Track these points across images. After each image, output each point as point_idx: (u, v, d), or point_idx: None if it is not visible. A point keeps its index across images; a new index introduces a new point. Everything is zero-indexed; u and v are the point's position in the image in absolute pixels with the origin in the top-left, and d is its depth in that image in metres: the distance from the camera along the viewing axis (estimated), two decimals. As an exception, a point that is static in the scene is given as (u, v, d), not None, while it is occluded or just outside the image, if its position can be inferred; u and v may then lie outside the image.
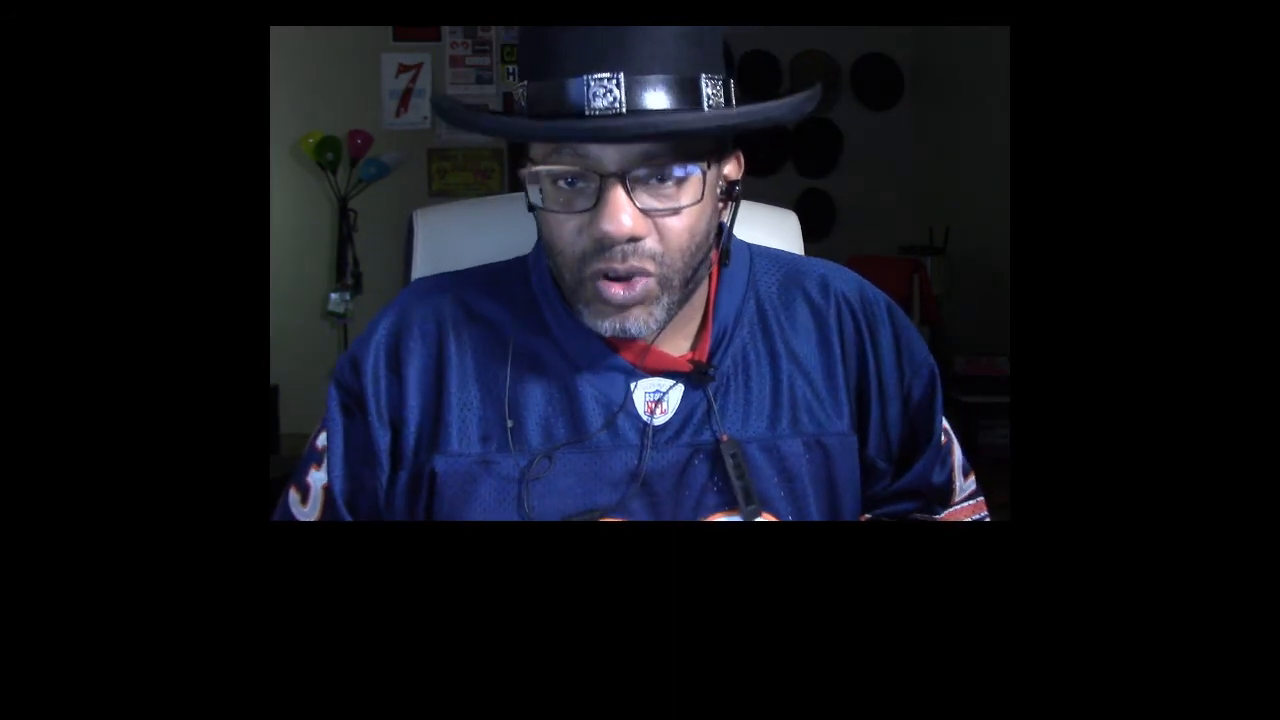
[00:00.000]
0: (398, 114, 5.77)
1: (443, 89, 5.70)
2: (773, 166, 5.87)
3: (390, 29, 5.62)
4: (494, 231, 1.64)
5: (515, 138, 1.38)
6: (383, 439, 1.41)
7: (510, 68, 5.59)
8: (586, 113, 1.25)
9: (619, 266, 1.30)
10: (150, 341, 1.19)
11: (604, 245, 1.29)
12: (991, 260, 4.87)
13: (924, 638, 1.23)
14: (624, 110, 1.25)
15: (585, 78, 1.26)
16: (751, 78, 5.66)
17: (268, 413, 4.29)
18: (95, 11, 1.21)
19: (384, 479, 1.42)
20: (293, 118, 5.27)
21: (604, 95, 1.26)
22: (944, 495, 1.51)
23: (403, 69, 5.74)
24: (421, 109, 5.73)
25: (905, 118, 6.04)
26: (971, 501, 1.52)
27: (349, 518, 1.41)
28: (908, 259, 5.02)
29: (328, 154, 5.32)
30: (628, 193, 1.27)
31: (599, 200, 1.28)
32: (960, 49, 5.28)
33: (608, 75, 1.26)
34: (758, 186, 1.35)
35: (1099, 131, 1.24)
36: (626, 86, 1.26)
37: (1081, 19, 1.24)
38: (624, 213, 1.27)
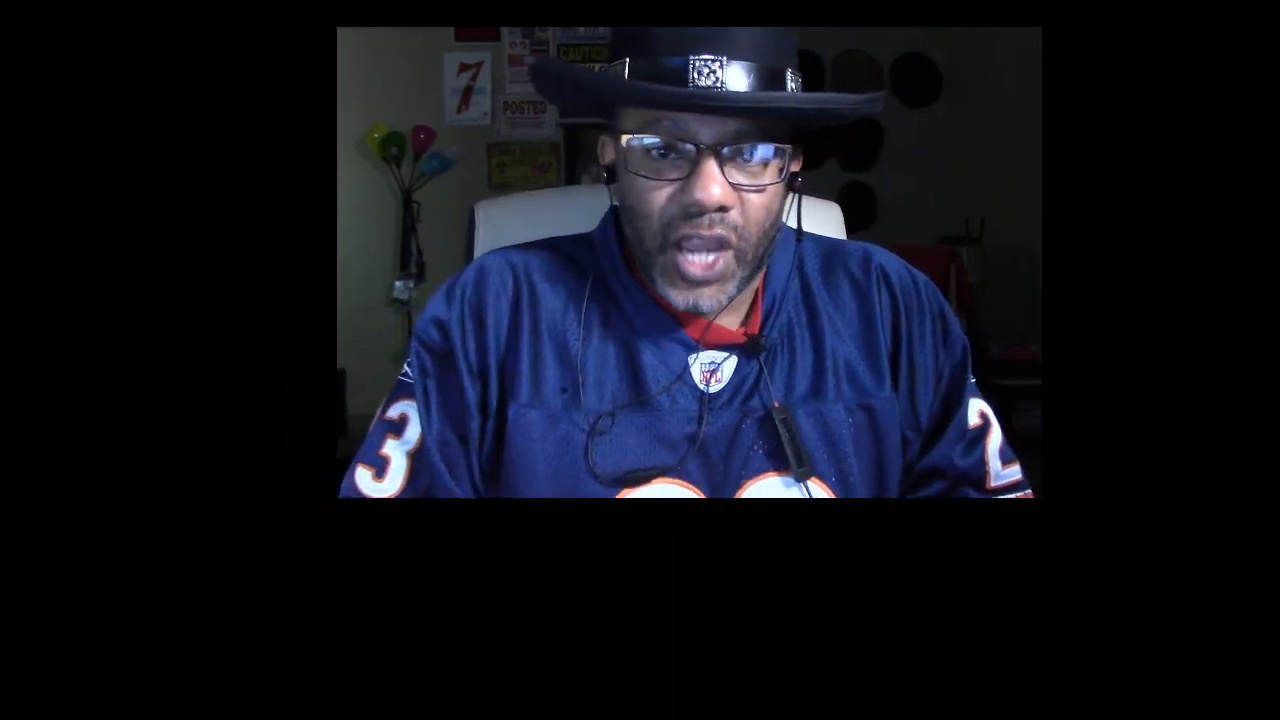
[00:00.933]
0: (459, 110, 5.72)
1: (502, 87, 5.70)
2: (816, 161, 5.74)
3: (452, 30, 5.59)
4: (551, 222, 1.64)
5: (634, 97, 1.38)
6: (473, 391, 1.42)
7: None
8: (691, 87, 1.29)
9: (705, 233, 1.33)
10: (223, 330, 1.21)
11: (692, 213, 1.32)
12: (1024, 250, 4.81)
13: (954, 613, 1.24)
14: (725, 89, 1.29)
15: (690, 57, 1.29)
16: (798, 74, 5.30)
17: (335, 396, 4.25)
18: (172, 11, 1.22)
19: (476, 429, 1.43)
20: (358, 114, 5.27)
21: (708, 74, 1.29)
22: (975, 479, 1.50)
23: (464, 68, 5.70)
24: (482, 105, 5.68)
25: (942, 114, 6.00)
26: (1015, 494, 1.51)
27: (444, 471, 1.42)
28: (944, 248, 4.97)
29: (392, 149, 5.34)
30: (720, 166, 1.30)
31: (692, 171, 1.31)
32: (994, 48, 5.24)
33: (711, 57, 1.29)
34: (803, 180, 1.46)
35: (1126, 128, 1.25)
36: (727, 69, 1.29)
37: (1110, 21, 1.25)
38: (715, 183, 1.29)
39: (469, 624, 1.25)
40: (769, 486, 1.41)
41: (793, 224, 1.48)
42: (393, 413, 1.44)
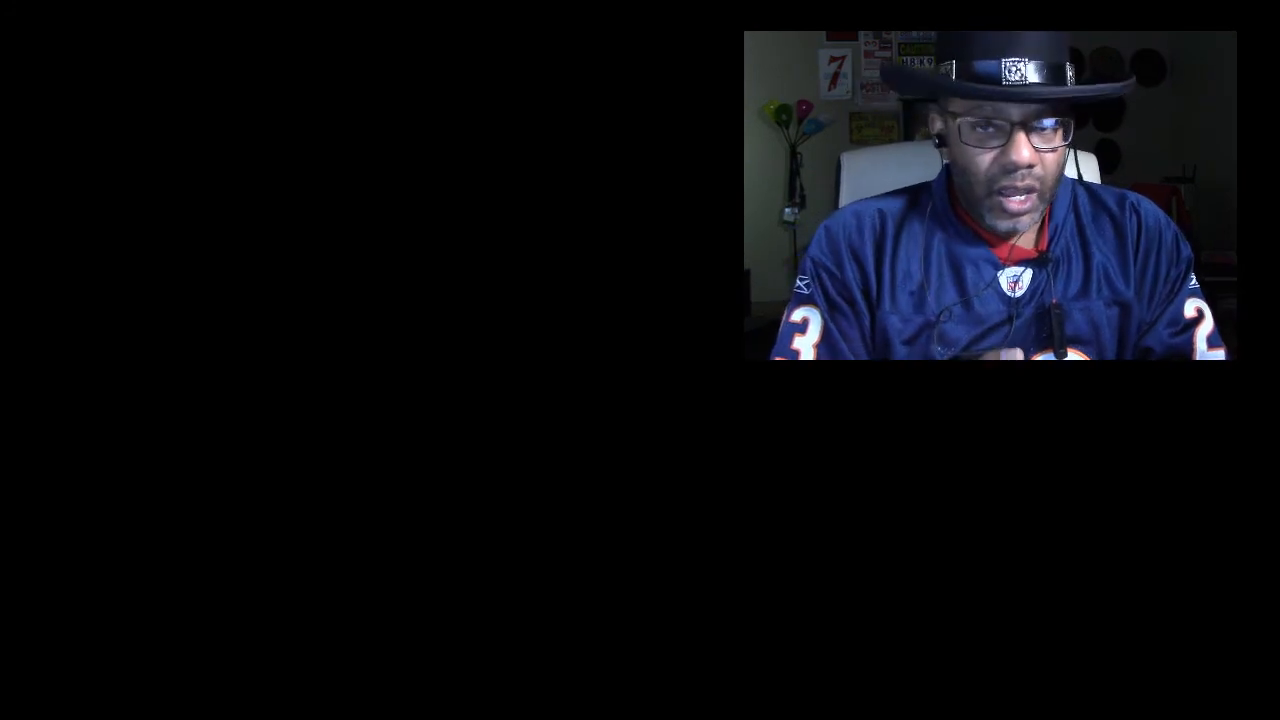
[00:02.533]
0: (829, 89, 5.91)
1: (859, 72, 5.90)
2: (1079, 124, 4.45)
3: (824, 33, 5.85)
4: (892, 167, 1.81)
5: (972, 96, 1.43)
6: (860, 299, 1.53)
7: (906, 59, 5.81)
8: (1004, 83, 1.38)
9: (1019, 184, 1.42)
10: (672, 241, 1.21)
11: (1009, 170, 1.41)
12: (1224, 185, 5.01)
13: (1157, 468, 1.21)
14: (1027, 83, 1.38)
15: (1003, 60, 1.38)
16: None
17: (741, 288, 3.20)
18: (620, 22, 1.15)
19: (867, 325, 1.52)
20: (760, 91, 5.65)
21: (1015, 72, 1.38)
22: (1183, 354, 1.57)
23: (832, 59, 5.90)
24: (845, 85, 5.89)
25: (1167, 91, 6.14)
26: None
27: (846, 353, 1.50)
28: (1167, 185, 5.31)
29: (782, 115, 5.80)
30: (1027, 135, 1.40)
31: (1009, 141, 1.40)
32: (1208, 44, 5.47)
33: (1018, 59, 1.38)
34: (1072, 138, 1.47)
35: None
36: (1027, 67, 1.38)
37: None
38: (1026, 149, 1.40)
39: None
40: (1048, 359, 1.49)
41: (1070, 172, 1.57)
42: (796, 317, 1.53)
